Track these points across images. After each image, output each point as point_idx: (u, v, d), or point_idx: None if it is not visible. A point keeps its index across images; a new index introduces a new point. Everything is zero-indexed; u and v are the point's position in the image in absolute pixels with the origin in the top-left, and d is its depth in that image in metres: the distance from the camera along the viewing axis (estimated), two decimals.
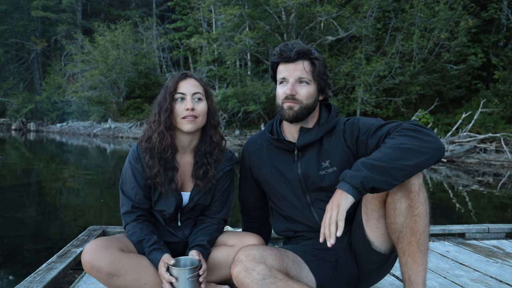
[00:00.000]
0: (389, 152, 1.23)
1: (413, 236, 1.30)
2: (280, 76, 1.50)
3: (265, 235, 1.79)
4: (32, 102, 27.80)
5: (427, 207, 1.31)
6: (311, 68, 1.49)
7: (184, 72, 1.63)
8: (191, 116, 1.55)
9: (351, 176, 1.21)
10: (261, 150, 1.65)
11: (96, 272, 1.40)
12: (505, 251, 2.43)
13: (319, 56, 1.50)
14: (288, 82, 1.48)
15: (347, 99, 16.49)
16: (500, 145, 11.84)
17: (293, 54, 1.46)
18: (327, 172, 1.51)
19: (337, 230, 1.19)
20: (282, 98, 1.49)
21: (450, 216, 5.07)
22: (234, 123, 18.58)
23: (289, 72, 1.48)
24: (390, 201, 1.34)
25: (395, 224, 1.33)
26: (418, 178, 1.30)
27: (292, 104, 1.47)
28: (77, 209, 5.18)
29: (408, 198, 1.30)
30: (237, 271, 1.27)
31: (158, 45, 24.23)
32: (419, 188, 1.30)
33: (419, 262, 1.31)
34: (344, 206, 1.20)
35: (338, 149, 1.51)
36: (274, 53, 1.52)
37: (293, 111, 1.48)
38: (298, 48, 1.46)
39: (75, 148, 16.02)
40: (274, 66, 1.55)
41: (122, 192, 1.62)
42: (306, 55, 1.48)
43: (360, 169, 1.21)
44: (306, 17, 16.63)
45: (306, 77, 1.48)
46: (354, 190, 1.20)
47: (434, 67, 15.44)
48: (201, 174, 1.63)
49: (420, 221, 1.29)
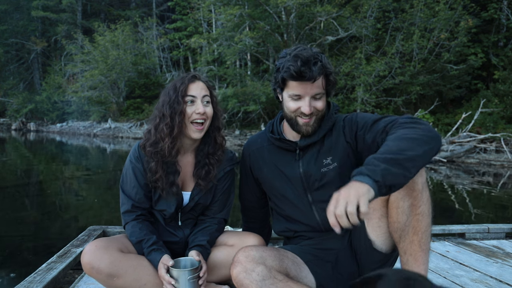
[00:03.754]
0: (396, 143, 1.18)
1: (415, 235, 1.30)
2: (294, 93, 1.44)
3: (265, 235, 1.79)
4: (32, 102, 27.80)
5: (430, 206, 1.31)
6: (325, 82, 1.47)
7: (193, 74, 1.60)
8: (201, 120, 1.55)
9: (369, 170, 1.09)
10: (261, 150, 1.65)
11: (96, 273, 1.40)
12: (505, 251, 2.43)
13: (331, 67, 1.46)
14: (303, 99, 1.43)
15: (347, 99, 16.48)
16: (500, 145, 11.83)
17: (314, 74, 1.38)
18: (328, 169, 1.51)
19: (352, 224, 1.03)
20: (297, 113, 1.47)
21: (450, 216, 5.07)
22: (234, 123, 18.57)
23: (306, 91, 1.42)
24: (393, 199, 1.33)
25: (398, 223, 1.33)
26: (421, 176, 1.30)
27: (308, 120, 1.46)
28: (77, 209, 5.18)
29: (411, 197, 1.30)
30: (236, 272, 1.27)
31: (158, 45, 24.23)
32: (422, 186, 1.30)
33: (421, 261, 1.31)
34: (365, 198, 1.03)
35: (338, 145, 1.51)
36: (288, 70, 1.38)
37: (310, 126, 1.48)
38: (318, 69, 1.39)
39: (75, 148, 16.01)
40: (284, 80, 1.44)
41: (123, 191, 1.62)
42: (323, 72, 1.43)
43: (375, 163, 1.10)
44: (306, 17, 16.62)
45: (321, 92, 1.45)
46: (374, 184, 1.06)
47: (434, 67, 15.43)
48: (203, 174, 1.62)
49: (422, 220, 1.29)
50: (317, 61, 1.39)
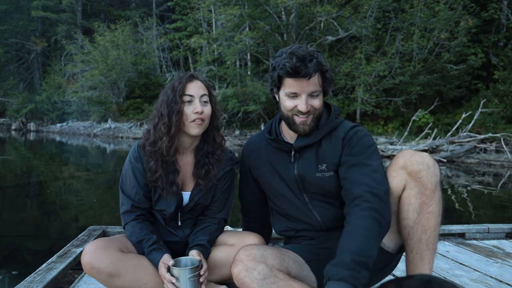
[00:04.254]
0: (363, 242, 1.19)
1: (424, 234, 1.31)
2: (290, 91, 1.43)
3: (265, 235, 1.79)
4: (32, 102, 27.81)
5: (440, 206, 1.32)
6: (321, 79, 1.45)
7: (191, 74, 1.60)
8: (199, 119, 1.54)
9: (352, 277, 1.10)
10: (260, 150, 1.64)
11: (96, 273, 1.40)
12: (505, 251, 2.43)
13: (327, 65, 1.45)
14: (300, 97, 1.42)
15: (347, 99, 16.49)
16: (500, 145, 11.84)
17: (310, 71, 1.37)
18: (323, 175, 1.50)
19: None
20: (293, 112, 1.45)
21: (450, 216, 5.07)
22: (234, 123, 18.58)
23: (302, 88, 1.41)
24: (405, 196, 1.35)
25: (407, 219, 1.34)
26: (435, 175, 1.32)
27: (305, 118, 1.44)
28: (77, 209, 5.18)
29: (423, 195, 1.31)
30: (237, 270, 1.26)
31: (158, 45, 24.24)
32: (435, 186, 1.31)
33: (426, 260, 1.32)
34: None
35: (335, 155, 1.48)
36: (285, 68, 1.38)
37: (307, 125, 1.46)
38: (314, 65, 1.39)
39: (75, 148, 16.02)
40: (280, 77, 1.44)
41: (122, 192, 1.62)
42: (319, 68, 1.42)
43: (356, 269, 1.12)
44: (306, 17, 16.63)
45: (318, 89, 1.44)
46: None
47: (434, 67, 15.43)
48: (203, 174, 1.62)
49: (432, 219, 1.31)
50: (312, 58, 1.39)
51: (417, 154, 1.36)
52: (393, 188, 1.38)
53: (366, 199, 1.28)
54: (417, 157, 1.35)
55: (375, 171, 1.36)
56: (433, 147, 12.01)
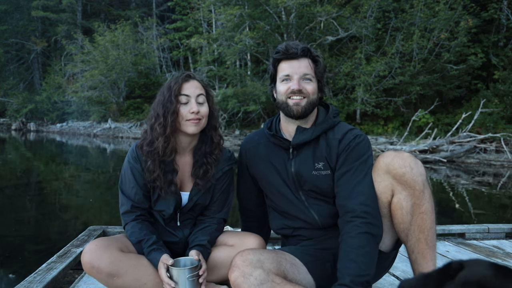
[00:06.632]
0: (360, 261, 1.30)
1: (421, 233, 1.33)
2: (284, 74, 1.50)
3: (264, 234, 1.79)
4: (32, 102, 27.79)
5: (432, 204, 1.34)
6: (313, 66, 1.51)
7: (187, 73, 1.60)
8: (195, 119, 1.54)
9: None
10: (258, 147, 1.65)
11: (96, 272, 1.41)
12: (505, 251, 2.43)
13: (319, 55, 1.54)
14: (292, 79, 1.49)
15: (347, 99, 16.48)
16: (500, 145, 11.83)
17: (299, 51, 1.47)
18: (320, 174, 1.51)
19: None
20: (287, 93, 1.49)
21: (450, 216, 5.07)
22: (234, 123, 18.56)
23: (294, 69, 1.49)
24: (396, 201, 1.36)
25: (403, 223, 1.36)
26: (421, 175, 1.33)
27: (298, 100, 1.48)
28: (77, 209, 5.18)
29: (413, 196, 1.33)
30: (234, 276, 1.27)
31: (158, 45, 24.22)
32: (423, 185, 1.33)
33: (429, 258, 1.34)
34: None
35: (331, 154, 1.50)
36: (278, 50, 1.52)
37: (300, 106, 1.48)
38: (303, 46, 1.49)
39: (75, 148, 16.01)
40: (276, 64, 1.54)
41: (122, 192, 1.62)
42: (309, 53, 1.51)
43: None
44: (306, 17, 16.61)
45: (310, 73, 1.50)
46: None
47: (434, 67, 15.42)
48: (201, 174, 1.62)
49: (427, 218, 1.33)
50: (303, 45, 1.51)
51: (398, 156, 1.37)
52: (380, 193, 1.40)
53: (357, 214, 1.35)
54: (398, 160, 1.36)
55: (367, 179, 1.41)
56: (433, 147, 12.00)
